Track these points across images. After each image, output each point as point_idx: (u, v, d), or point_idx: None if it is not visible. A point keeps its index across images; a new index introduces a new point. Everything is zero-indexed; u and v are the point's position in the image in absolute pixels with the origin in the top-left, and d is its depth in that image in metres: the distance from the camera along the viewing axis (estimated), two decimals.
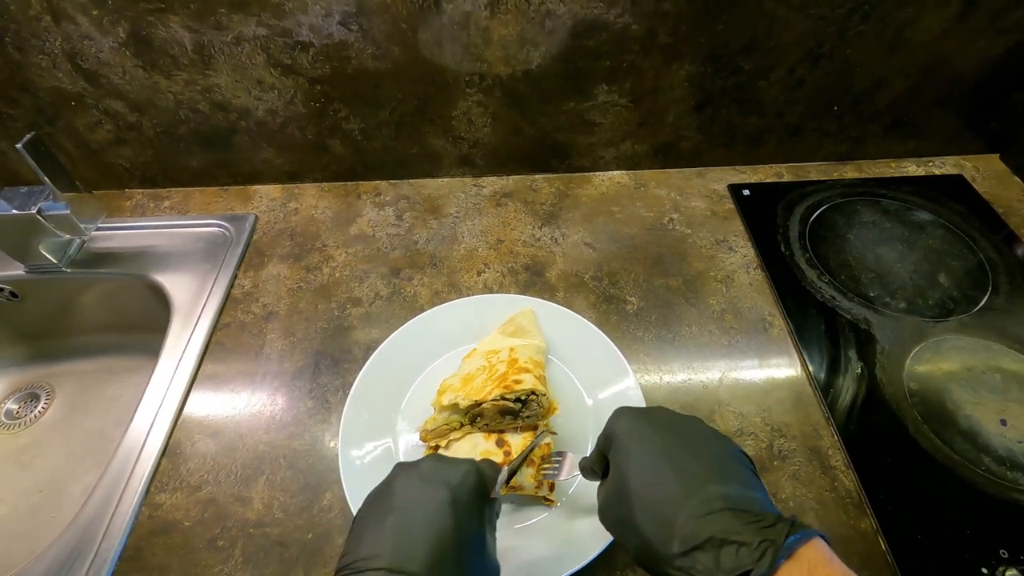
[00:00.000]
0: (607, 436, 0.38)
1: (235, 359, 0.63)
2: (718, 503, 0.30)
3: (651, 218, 0.77)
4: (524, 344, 0.57)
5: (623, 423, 0.37)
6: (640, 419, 0.37)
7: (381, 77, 0.70)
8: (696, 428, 0.37)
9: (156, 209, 0.81)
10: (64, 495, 0.70)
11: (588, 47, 0.68)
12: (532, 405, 0.50)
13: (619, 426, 0.37)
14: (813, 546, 0.28)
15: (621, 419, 0.37)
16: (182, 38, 0.65)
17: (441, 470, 0.38)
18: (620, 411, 0.38)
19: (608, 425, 0.38)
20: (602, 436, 0.39)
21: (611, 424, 0.38)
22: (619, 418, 0.38)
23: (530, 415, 0.50)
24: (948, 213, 0.76)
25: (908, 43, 0.69)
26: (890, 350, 0.61)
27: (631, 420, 0.37)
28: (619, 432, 0.37)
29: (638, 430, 0.36)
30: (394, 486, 0.37)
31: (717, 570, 0.28)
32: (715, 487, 0.31)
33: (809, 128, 0.79)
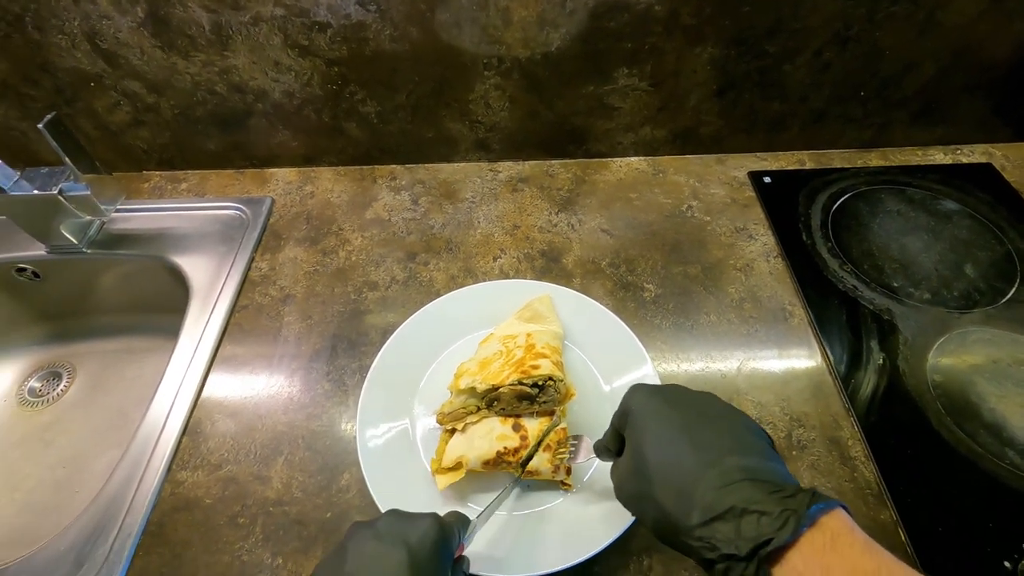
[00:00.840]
0: (622, 413, 0.38)
1: (253, 341, 0.64)
2: (737, 474, 0.29)
3: (669, 205, 0.76)
4: (541, 330, 0.57)
5: (638, 399, 0.37)
6: (656, 395, 0.37)
7: (398, 59, 0.69)
8: (712, 402, 0.36)
9: (173, 191, 0.81)
10: (86, 471, 0.72)
11: (609, 28, 0.66)
12: (549, 390, 0.50)
13: (635, 402, 0.37)
14: (835, 516, 0.28)
15: (636, 395, 0.37)
16: (200, 18, 0.64)
17: (399, 527, 0.35)
18: (635, 387, 0.38)
19: (623, 402, 0.38)
20: (617, 413, 0.38)
21: (626, 400, 0.38)
22: (634, 394, 0.37)
23: (547, 400, 0.50)
24: (975, 202, 0.74)
25: (940, 25, 0.67)
26: (913, 341, 0.60)
27: (646, 396, 0.37)
28: (635, 408, 0.36)
29: (654, 405, 0.36)
30: (347, 547, 0.34)
31: (738, 538, 0.27)
32: (734, 459, 0.30)
33: (833, 114, 0.77)
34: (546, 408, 0.51)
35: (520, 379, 0.49)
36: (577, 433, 0.49)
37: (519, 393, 0.50)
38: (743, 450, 0.31)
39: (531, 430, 0.50)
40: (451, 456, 0.49)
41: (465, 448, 0.49)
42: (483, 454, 0.48)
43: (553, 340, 0.56)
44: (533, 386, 0.50)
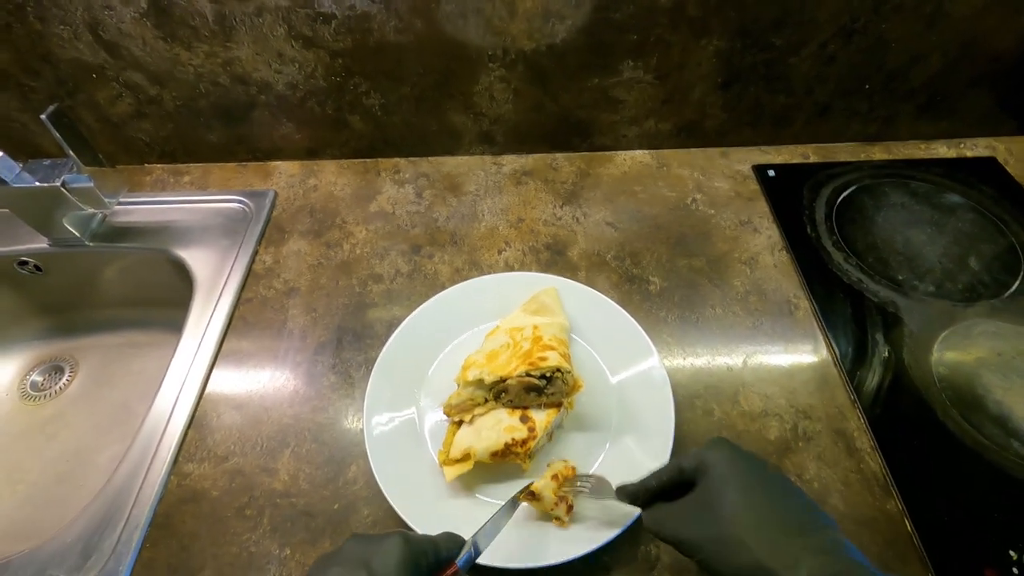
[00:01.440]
0: (700, 460, 0.38)
1: (258, 334, 0.64)
2: (839, 546, 0.32)
3: (674, 198, 0.76)
4: (547, 322, 0.57)
5: (724, 452, 0.38)
6: (743, 452, 0.38)
7: (403, 51, 0.69)
8: (786, 476, 0.39)
9: (176, 184, 0.81)
10: (90, 465, 0.72)
11: (614, 20, 0.66)
12: (557, 382, 0.50)
13: (720, 453, 0.38)
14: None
15: (722, 448, 0.38)
16: (203, 8, 0.64)
17: (360, 551, 0.33)
18: (718, 441, 0.39)
19: (702, 452, 0.38)
20: (690, 458, 0.39)
21: (707, 451, 0.38)
22: (719, 446, 0.38)
23: (555, 392, 0.50)
24: (979, 196, 0.74)
25: (948, 17, 0.67)
26: (918, 334, 0.61)
27: (732, 450, 0.38)
28: (721, 459, 0.37)
29: (744, 462, 0.37)
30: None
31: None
32: (832, 532, 0.33)
33: (838, 107, 0.77)
34: (554, 400, 0.51)
35: (528, 371, 0.49)
36: (590, 474, 0.49)
37: (527, 385, 0.50)
38: (834, 526, 0.34)
39: (539, 422, 0.50)
40: (459, 447, 0.49)
41: (473, 439, 0.49)
42: (491, 445, 0.48)
43: (560, 332, 0.56)
44: (541, 377, 0.50)
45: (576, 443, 0.53)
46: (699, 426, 0.55)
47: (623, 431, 0.53)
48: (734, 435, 0.54)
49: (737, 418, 0.55)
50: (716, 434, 0.54)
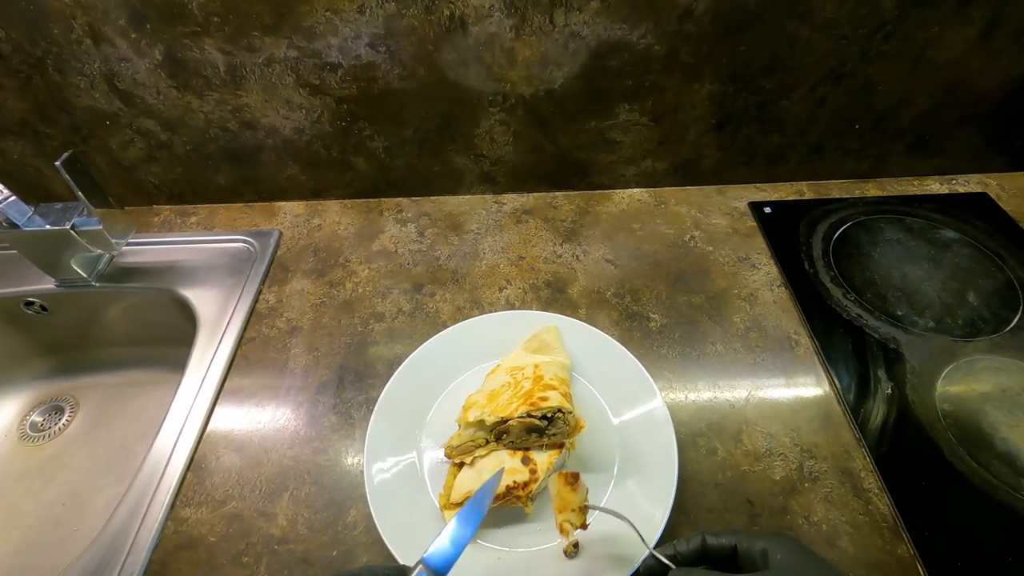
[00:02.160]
0: (767, 546, 0.37)
1: (260, 373, 0.64)
2: None
3: (672, 235, 0.77)
4: (548, 361, 0.57)
5: (795, 546, 0.37)
6: (814, 555, 0.37)
7: (406, 97, 0.71)
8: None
9: (183, 225, 0.82)
10: (87, 508, 0.70)
11: (610, 67, 0.69)
12: (559, 423, 0.50)
13: (792, 546, 0.37)
14: None
15: (794, 542, 0.37)
16: (215, 60, 0.67)
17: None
18: (790, 537, 0.40)
19: (771, 537, 0.38)
20: (752, 538, 0.38)
21: (778, 539, 0.37)
22: (790, 540, 0.37)
23: (556, 433, 0.50)
24: (973, 231, 0.75)
25: (931, 62, 0.69)
26: (920, 370, 0.60)
27: (804, 549, 0.37)
28: (791, 550, 0.36)
29: (814, 563, 0.36)
30: None
31: None
32: None
33: (830, 146, 0.79)
34: (556, 440, 0.51)
35: (529, 411, 0.49)
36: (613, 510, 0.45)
37: (528, 426, 0.49)
38: None
39: (541, 463, 0.50)
40: (460, 490, 0.49)
41: (474, 482, 0.48)
42: None
43: (561, 371, 0.56)
44: (542, 418, 0.49)
45: None
46: (703, 466, 0.54)
47: (626, 471, 0.52)
48: (739, 475, 0.53)
49: (741, 458, 0.55)
50: (721, 475, 0.53)
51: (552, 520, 0.49)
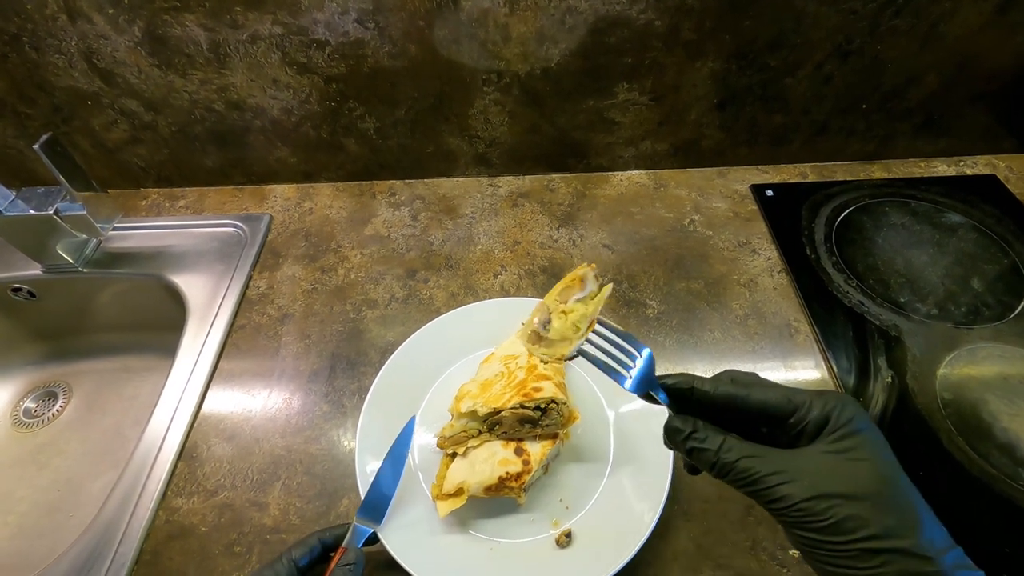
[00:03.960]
0: (838, 410, 0.31)
1: (251, 361, 0.63)
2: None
3: (671, 219, 0.76)
4: None
5: (867, 417, 0.31)
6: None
7: (397, 75, 0.69)
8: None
9: (171, 209, 0.80)
10: (81, 494, 0.70)
11: (609, 44, 0.66)
12: (552, 413, 0.49)
13: (866, 417, 0.31)
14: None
15: (865, 414, 0.31)
16: (197, 37, 0.64)
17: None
18: (854, 401, 0.32)
19: (838, 402, 0.31)
20: (811, 398, 0.31)
21: (846, 404, 0.31)
22: (861, 410, 0.31)
23: (550, 424, 0.49)
24: (980, 215, 0.73)
25: (943, 38, 0.66)
26: (921, 358, 0.59)
27: (872, 422, 0.32)
28: (868, 421, 0.31)
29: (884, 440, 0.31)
30: None
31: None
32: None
33: (835, 126, 0.77)
34: (549, 431, 0.50)
35: (522, 402, 0.48)
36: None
37: (521, 416, 0.49)
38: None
39: (534, 454, 0.49)
40: (452, 481, 0.48)
41: (467, 473, 0.48)
42: (485, 479, 0.47)
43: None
44: (535, 409, 0.49)
45: (573, 474, 0.52)
46: None
47: (621, 462, 0.52)
48: None
49: None
50: None
51: (545, 511, 0.49)
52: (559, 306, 0.38)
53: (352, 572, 0.42)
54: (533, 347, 0.37)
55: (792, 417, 0.31)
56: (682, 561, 0.48)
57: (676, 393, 0.34)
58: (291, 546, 0.43)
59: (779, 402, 0.32)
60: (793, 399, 0.32)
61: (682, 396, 0.34)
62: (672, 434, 0.34)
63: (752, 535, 0.49)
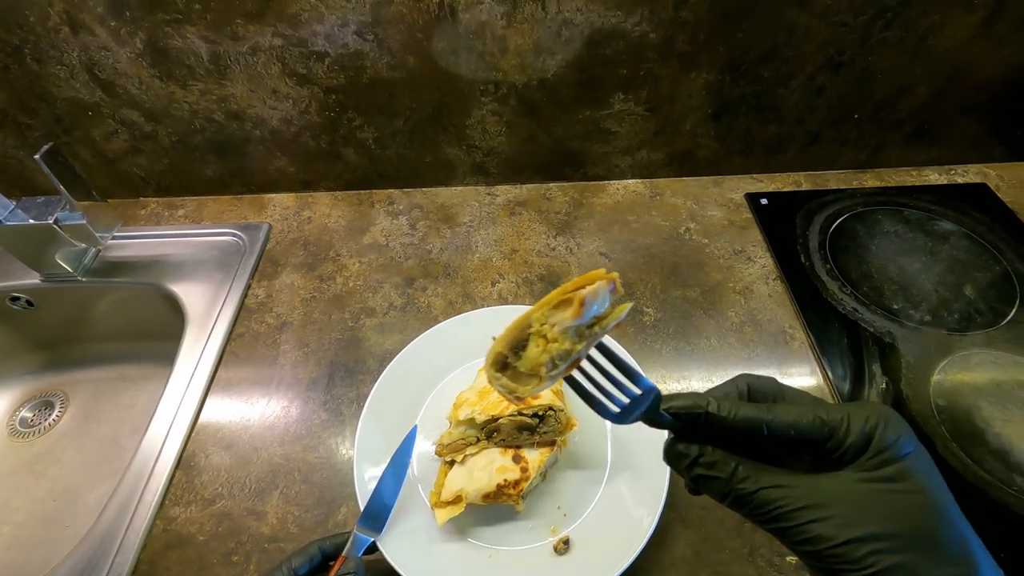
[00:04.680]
0: (879, 431, 0.26)
1: (249, 370, 0.63)
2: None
3: (667, 227, 0.76)
4: None
5: (914, 436, 0.27)
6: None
7: (396, 86, 0.70)
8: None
9: (171, 218, 0.81)
10: (78, 504, 0.70)
11: (605, 55, 0.67)
12: (550, 421, 0.49)
13: (914, 436, 0.27)
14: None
15: (911, 431, 0.27)
16: (198, 48, 0.65)
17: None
18: (896, 415, 0.28)
19: (881, 419, 0.27)
20: (848, 415, 0.27)
21: (890, 421, 0.27)
22: (906, 426, 0.27)
23: (548, 431, 0.49)
24: (972, 223, 0.74)
25: (932, 50, 0.68)
26: (915, 364, 0.60)
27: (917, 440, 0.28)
28: (916, 442, 0.27)
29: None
30: None
31: None
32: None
33: (828, 136, 0.78)
34: (547, 438, 0.50)
35: (520, 409, 0.49)
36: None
37: (519, 424, 0.49)
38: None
39: (532, 461, 0.49)
40: (450, 489, 0.48)
41: (465, 481, 0.48)
42: (483, 487, 0.47)
43: None
44: (533, 416, 0.49)
45: (571, 482, 0.52)
46: None
47: (619, 469, 0.52)
48: None
49: None
50: None
51: (543, 518, 0.50)
52: (543, 327, 0.28)
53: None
54: (495, 373, 0.29)
55: (829, 441, 0.27)
56: (680, 568, 0.48)
57: (685, 419, 0.29)
58: (290, 555, 0.43)
59: (811, 426, 0.27)
60: (827, 419, 0.27)
61: (692, 421, 0.29)
62: (674, 459, 0.30)
63: (749, 542, 0.49)
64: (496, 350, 0.29)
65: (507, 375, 0.29)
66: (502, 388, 0.29)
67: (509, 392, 0.29)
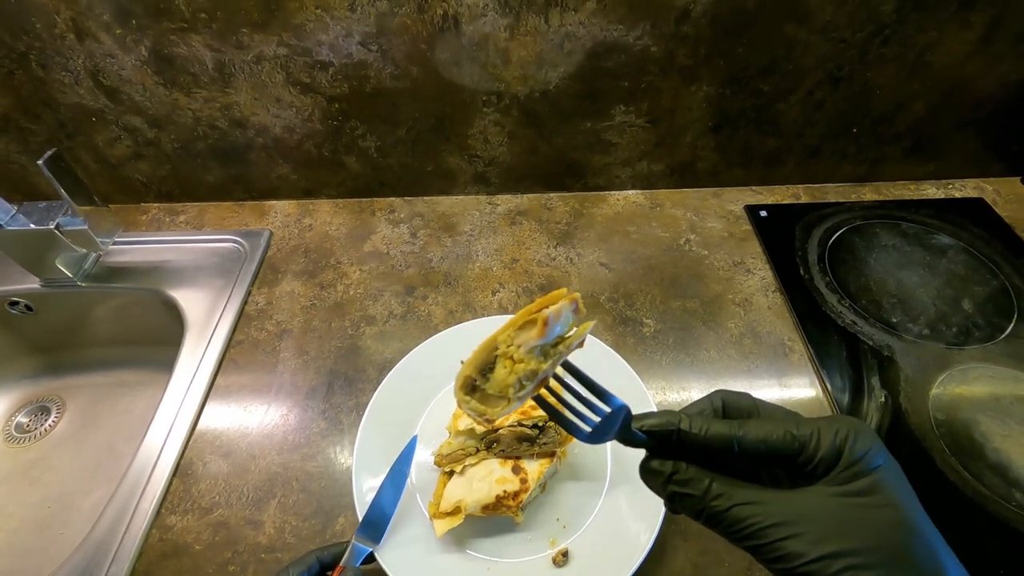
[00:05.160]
0: (850, 446, 0.27)
1: (248, 377, 0.63)
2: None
3: (667, 238, 0.77)
4: None
5: (885, 451, 0.28)
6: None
7: (399, 96, 0.70)
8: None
9: (172, 223, 0.81)
10: (73, 511, 0.70)
11: (606, 68, 0.68)
12: (550, 431, 0.49)
13: (885, 451, 0.28)
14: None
15: (882, 446, 0.28)
16: (203, 57, 0.65)
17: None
18: (869, 429, 0.28)
19: (854, 434, 0.27)
20: (819, 431, 0.27)
21: (862, 435, 0.27)
22: (878, 440, 0.28)
23: (548, 442, 0.49)
24: (969, 237, 0.75)
25: (929, 66, 0.68)
26: (914, 378, 0.60)
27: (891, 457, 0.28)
28: (888, 456, 0.27)
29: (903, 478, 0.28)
30: None
31: None
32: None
33: (827, 149, 0.79)
34: (547, 449, 0.50)
35: (520, 420, 0.49)
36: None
37: (519, 435, 0.49)
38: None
39: (531, 472, 0.49)
40: (449, 500, 0.48)
41: (464, 492, 0.48)
42: (482, 498, 0.47)
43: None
44: (533, 427, 0.49)
45: (570, 493, 0.52)
46: None
47: (618, 481, 0.52)
48: None
49: None
50: None
51: (543, 530, 0.49)
52: (509, 348, 0.28)
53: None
54: (463, 397, 0.29)
55: (799, 456, 0.27)
56: None
57: (658, 436, 0.29)
58: (288, 564, 0.42)
59: (781, 441, 0.27)
60: (797, 434, 0.27)
61: (665, 439, 0.29)
62: (648, 477, 0.29)
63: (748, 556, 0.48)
64: (464, 373, 0.29)
65: (476, 398, 0.29)
66: (471, 411, 0.29)
67: (479, 415, 0.29)
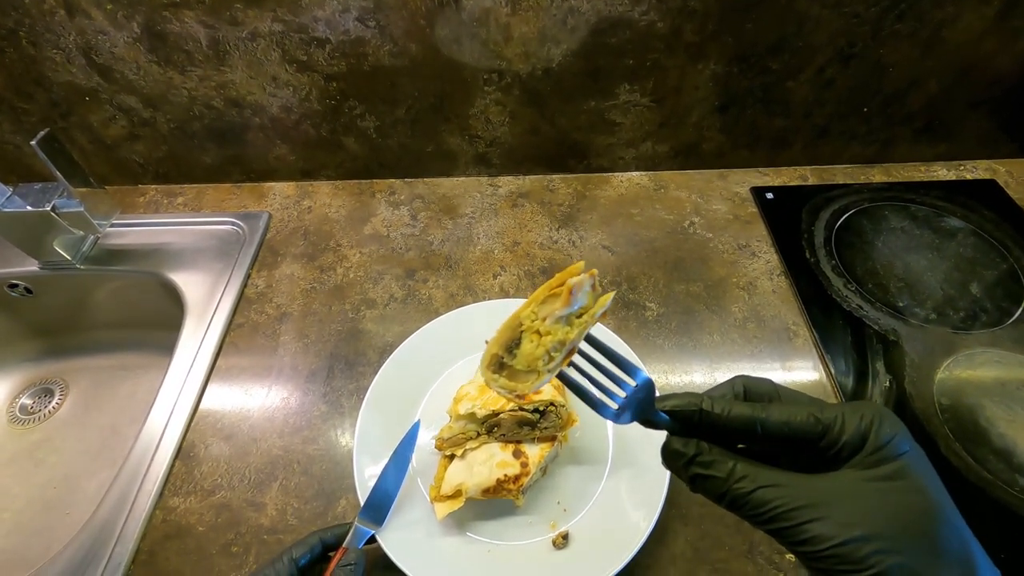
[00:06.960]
0: (876, 430, 0.26)
1: (249, 360, 0.63)
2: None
3: (671, 221, 0.76)
4: None
5: (911, 438, 0.27)
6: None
7: (398, 74, 0.68)
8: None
9: (170, 205, 0.80)
10: (77, 492, 0.70)
11: (611, 45, 0.66)
12: (550, 416, 0.49)
13: (911, 438, 0.27)
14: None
15: (907, 433, 0.27)
16: (197, 33, 0.64)
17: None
18: (895, 417, 0.28)
19: (877, 419, 0.27)
20: (843, 415, 0.27)
21: (887, 421, 0.27)
22: (904, 428, 0.27)
23: (549, 426, 0.49)
24: (980, 220, 0.73)
25: (945, 43, 0.66)
26: (919, 362, 0.60)
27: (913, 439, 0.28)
28: (913, 442, 0.27)
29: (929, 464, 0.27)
30: None
31: None
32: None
33: (836, 130, 0.77)
34: (548, 434, 0.50)
35: (521, 404, 0.48)
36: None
37: (520, 419, 0.49)
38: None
39: (532, 456, 0.49)
40: (450, 483, 0.48)
41: (465, 475, 0.48)
42: (483, 482, 0.47)
43: None
44: (534, 411, 0.49)
45: (571, 477, 0.52)
46: None
47: (619, 466, 0.52)
48: None
49: None
50: None
51: (543, 513, 0.49)
52: (534, 323, 0.29)
53: (352, 572, 0.42)
54: (491, 375, 0.29)
55: (822, 440, 0.27)
56: (679, 565, 0.48)
57: (680, 417, 0.29)
58: (291, 545, 0.43)
59: (805, 424, 0.27)
60: (821, 417, 0.27)
61: (687, 420, 0.29)
62: (671, 458, 0.29)
63: (749, 539, 0.49)
64: (491, 352, 0.29)
65: (504, 375, 0.29)
66: (501, 389, 0.29)
67: (509, 391, 0.29)
